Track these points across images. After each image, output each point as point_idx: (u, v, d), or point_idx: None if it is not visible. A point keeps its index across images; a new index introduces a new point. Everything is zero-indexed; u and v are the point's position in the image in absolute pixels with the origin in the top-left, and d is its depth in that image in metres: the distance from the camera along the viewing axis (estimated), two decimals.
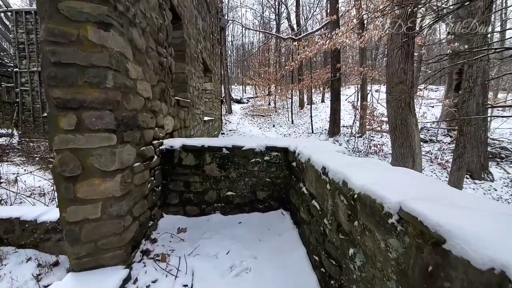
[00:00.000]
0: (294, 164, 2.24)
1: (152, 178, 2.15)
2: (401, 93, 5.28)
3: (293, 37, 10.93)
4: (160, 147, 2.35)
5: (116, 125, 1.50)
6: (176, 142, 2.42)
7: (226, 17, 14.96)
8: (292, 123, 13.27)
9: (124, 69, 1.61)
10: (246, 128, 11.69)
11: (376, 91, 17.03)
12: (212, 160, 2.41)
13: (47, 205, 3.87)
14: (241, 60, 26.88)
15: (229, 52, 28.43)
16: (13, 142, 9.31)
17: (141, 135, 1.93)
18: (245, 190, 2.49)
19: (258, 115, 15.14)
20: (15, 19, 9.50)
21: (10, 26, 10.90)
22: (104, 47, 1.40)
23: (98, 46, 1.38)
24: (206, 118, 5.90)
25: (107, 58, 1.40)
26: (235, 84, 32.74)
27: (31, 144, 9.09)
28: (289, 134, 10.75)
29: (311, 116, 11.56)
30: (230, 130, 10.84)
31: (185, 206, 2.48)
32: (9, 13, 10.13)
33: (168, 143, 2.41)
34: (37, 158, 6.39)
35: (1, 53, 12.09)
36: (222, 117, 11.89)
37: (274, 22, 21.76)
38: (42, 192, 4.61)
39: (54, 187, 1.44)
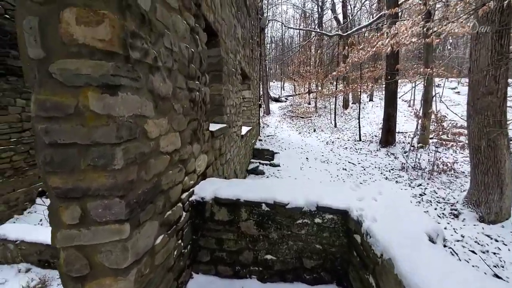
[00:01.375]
0: (357, 238, 1.65)
1: (180, 241, 1.83)
2: (490, 107, 4.06)
3: (341, 33, 9.75)
4: (190, 199, 2.02)
5: (129, 212, 1.16)
6: (208, 192, 2.05)
7: (265, 15, 14.38)
8: (335, 126, 12.16)
9: (141, 132, 1.26)
10: (285, 133, 11.10)
11: (438, 85, 14.67)
12: (249, 216, 1.98)
13: None
14: (281, 60, 25.97)
15: (268, 47, 27.80)
16: None
17: (166, 199, 1.59)
18: (289, 256, 2.00)
19: (298, 116, 14.33)
20: None
21: None
22: (110, 117, 1.04)
23: (103, 117, 1.03)
24: (243, 132, 5.55)
25: (114, 132, 1.05)
26: (273, 80, 32.07)
27: None
28: (332, 142, 9.79)
29: (358, 120, 10.33)
30: (268, 136, 10.39)
31: (217, 266, 2.12)
32: None
33: (198, 192, 2.06)
34: None
35: None
36: (260, 120, 11.51)
37: (316, 15, 20.26)
38: None
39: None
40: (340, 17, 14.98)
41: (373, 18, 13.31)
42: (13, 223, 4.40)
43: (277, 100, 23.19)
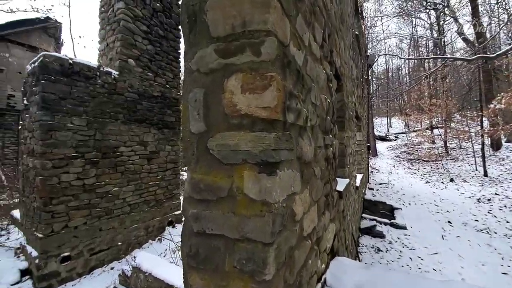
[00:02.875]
0: None
1: None
2: None
3: (487, 55, 7.37)
4: None
5: None
6: (344, 282, 1.47)
7: (370, 51, 13.56)
8: (486, 175, 8.64)
9: (289, 217, 0.94)
10: (403, 181, 8.90)
11: None
12: None
13: None
14: (389, 94, 23.34)
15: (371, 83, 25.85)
16: None
17: None
18: None
19: (419, 160, 11.43)
20: None
21: None
22: (266, 205, 0.77)
23: (257, 204, 0.78)
24: (358, 182, 4.67)
25: (269, 226, 0.76)
26: (376, 117, 28.73)
27: None
28: (488, 199, 6.80)
29: None
30: (381, 184, 8.61)
31: None
32: None
33: (332, 284, 1.52)
34: None
35: None
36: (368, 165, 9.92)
37: (430, 41, 17.19)
38: None
39: None
40: (473, 37, 11.87)
41: None
42: (147, 248, 5.26)
43: (383, 139, 20.20)
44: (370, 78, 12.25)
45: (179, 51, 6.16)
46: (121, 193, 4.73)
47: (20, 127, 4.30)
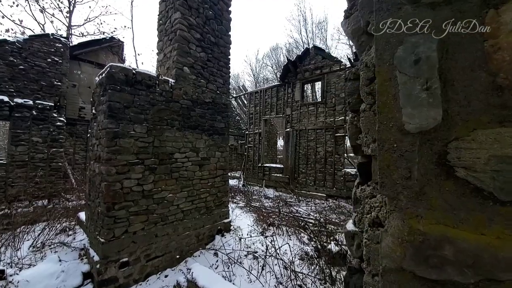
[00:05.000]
0: None
1: None
2: None
3: None
4: None
5: None
6: None
7: None
8: None
9: None
10: None
11: None
12: None
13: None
14: None
15: None
16: (240, 186, 12.44)
17: None
18: None
19: None
20: (249, 98, 13.47)
21: (245, 102, 16.00)
22: None
23: None
24: None
25: None
26: None
27: (250, 187, 11.62)
28: None
29: None
30: None
31: None
32: (246, 95, 14.78)
33: None
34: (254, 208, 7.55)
35: (240, 121, 17.99)
36: None
37: None
38: (256, 254, 4.84)
39: None
40: None
41: None
42: (198, 257, 5.07)
43: None
44: None
45: (229, 56, 6.06)
46: (175, 199, 4.67)
47: (89, 135, 4.60)
